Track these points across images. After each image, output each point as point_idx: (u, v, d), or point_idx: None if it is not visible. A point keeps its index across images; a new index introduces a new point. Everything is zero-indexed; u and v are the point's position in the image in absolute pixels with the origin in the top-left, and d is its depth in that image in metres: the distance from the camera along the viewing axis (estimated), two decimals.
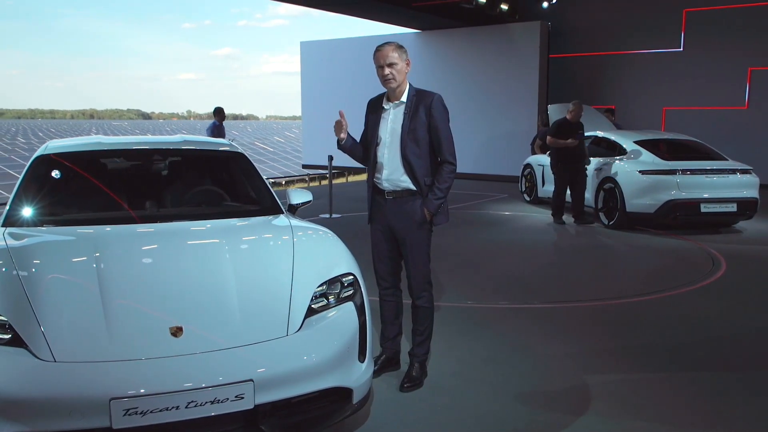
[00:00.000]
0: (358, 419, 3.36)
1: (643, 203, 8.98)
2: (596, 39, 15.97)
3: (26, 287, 2.83)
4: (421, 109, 3.72)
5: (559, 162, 9.75)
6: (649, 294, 6.02)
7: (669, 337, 4.84)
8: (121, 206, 3.96)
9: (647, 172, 8.97)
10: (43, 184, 4.00)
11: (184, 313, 2.84)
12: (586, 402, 3.68)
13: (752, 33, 14.13)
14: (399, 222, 3.83)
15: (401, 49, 3.72)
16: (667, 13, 15.00)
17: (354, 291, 3.24)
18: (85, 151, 4.37)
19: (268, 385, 2.67)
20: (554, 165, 9.91)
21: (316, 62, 20.02)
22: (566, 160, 9.67)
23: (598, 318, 5.32)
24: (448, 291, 6.01)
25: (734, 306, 5.70)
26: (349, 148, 3.95)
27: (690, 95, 14.89)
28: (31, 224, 3.63)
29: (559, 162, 9.75)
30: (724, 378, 4.08)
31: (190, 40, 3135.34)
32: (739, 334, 4.96)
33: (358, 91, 18.24)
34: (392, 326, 4.07)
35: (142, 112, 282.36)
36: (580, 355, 4.43)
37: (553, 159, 9.94)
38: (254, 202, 4.30)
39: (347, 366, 2.98)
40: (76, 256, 3.13)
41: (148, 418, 2.49)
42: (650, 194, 8.91)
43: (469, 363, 4.28)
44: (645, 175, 8.96)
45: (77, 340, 2.65)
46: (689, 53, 14.87)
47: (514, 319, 5.25)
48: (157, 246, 3.35)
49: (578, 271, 7.02)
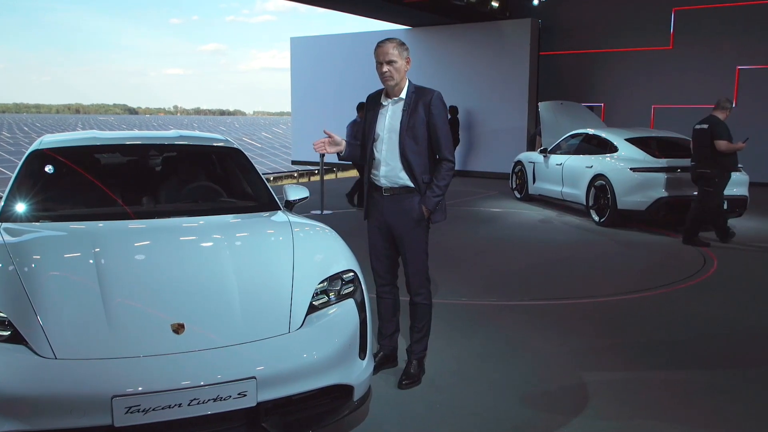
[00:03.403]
0: (357, 416, 3.36)
1: (635, 200, 9.03)
2: (586, 36, 16.02)
3: (25, 283, 2.80)
4: (420, 106, 3.70)
5: (725, 171, 8.01)
6: (641, 291, 6.05)
7: (662, 334, 4.87)
8: (118, 202, 3.93)
9: (638, 169, 9.02)
10: (38, 179, 3.96)
11: (185, 310, 2.82)
12: (584, 399, 3.69)
13: (741, 32, 14.23)
14: (396, 219, 3.82)
15: (402, 47, 3.70)
16: (656, 11, 15.08)
17: (354, 288, 3.23)
18: (80, 146, 4.33)
19: (271, 383, 2.65)
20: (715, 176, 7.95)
21: (307, 58, 19.95)
22: (729, 167, 8.05)
23: (591, 315, 5.34)
24: (441, 288, 6.01)
25: (726, 303, 5.74)
26: (350, 155, 3.93)
27: (679, 93, 14.97)
28: (27, 220, 3.60)
29: (725, 171, 8.01)
30: (719, 375, 4.11)
31: (177, 35, 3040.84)
32: (733, 331, 5.00)
33: (347, 88, 18.32)
34: (390, 323, 4.06)
35: (128, 107, 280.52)
36: (576, 352, 4.45)
37: (713, 168, 7.96)
38: (252, 198, 4.28)
39: (348, 363, 2.98)
40: (75, 252, 3.09)
41: (150, 415, 2.46)
42: (641, 191, 8.96)
43: (466, 360, 4.29)
44: (636, 173, 9.01)
45: (78, 336, 2.63)
46: (678, 51, 14.96)
47: (509, 316, 5.27)
48: (156, 242, 3.33)
49: (570, 268, 7.05)
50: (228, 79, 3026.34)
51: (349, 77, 18.51)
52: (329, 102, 19.05)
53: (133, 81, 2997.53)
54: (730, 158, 7.95)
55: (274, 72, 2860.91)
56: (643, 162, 9.11)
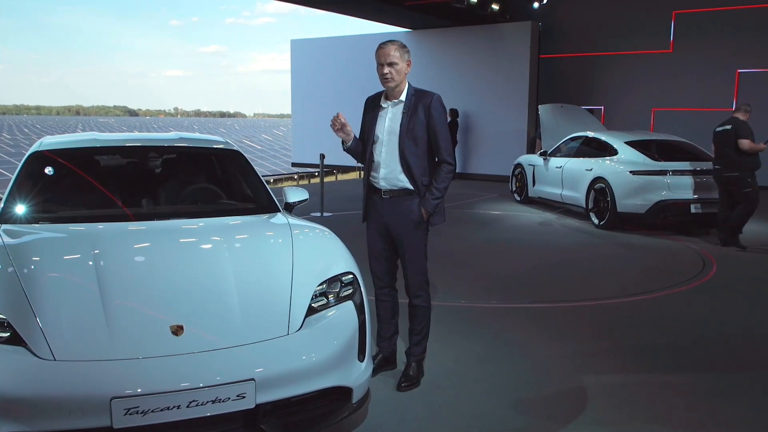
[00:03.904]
0: (356, 419, 3.36)
1: (634, 203, 9.04)
2: (586, 40, 16.03)
3: (24, 285, 2.80)
4: (420, 108, 3.71)
5: (750, 171, 8.08)
6: (641, 294, 6.05)
7: (662, 337, 4.87)
8: (118, 204, 3.93)
9: (638, 172, 9.03)
10: (38, 181, 3.97)
11: (185, 311, 2.82)
12: (583, 402, 3.69)
13: (740, 35, 14.24)
14: (395, 221, 3.82)
15: (403, 49, 3.71)
16: (656, 14, 15.09)
17: (353, 290, 3.23)
18: (80, 148, 4.33)
19: (270, 385, 2.65)
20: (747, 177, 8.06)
21: (307, 60, 19.96)
22: (754, 167, 8.10)
23: (590, 318, 5.34)
24: (441, 290, 6.01)
25: (726, 306, 5.74)
26: (353, 149, 3.91)
27: (679, 96, 14.98)
28: (27, 221, 3.60)
29: (750, 171, 8.08)
30: (720, 378, 4.11)
31: (177, 37, 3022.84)
32: (732, 334, 5.00)
33: (348, 90, 18.32)
34: (389, 326, 4.06)
35: (128, 108, 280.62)
36: (576, 355, 4.45)
37: (741, 171, 8.06)
38: (251, 200, 4.29)
39: (347, 365, 2.98)
40: (75, 254, 3.10)
41: (149, 417, 2.47)
42: (641, 194, 8.98)
43: (466, 362, 4.29)
44: (636, 176, 9.02)
45: (77, 338, 2.63)
46: (678, 54, 14.96)
47: (508, 318, 5.27)
48: (156, 244, 3.33)
49: (570, 271, 7.05)
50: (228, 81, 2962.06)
51: (350, 80, 18.51)
52: (329, 104, 19.01)
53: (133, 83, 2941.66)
54: (753, 158, 8.06)
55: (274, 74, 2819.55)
56: (643, 165, 9.12)
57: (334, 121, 3.74)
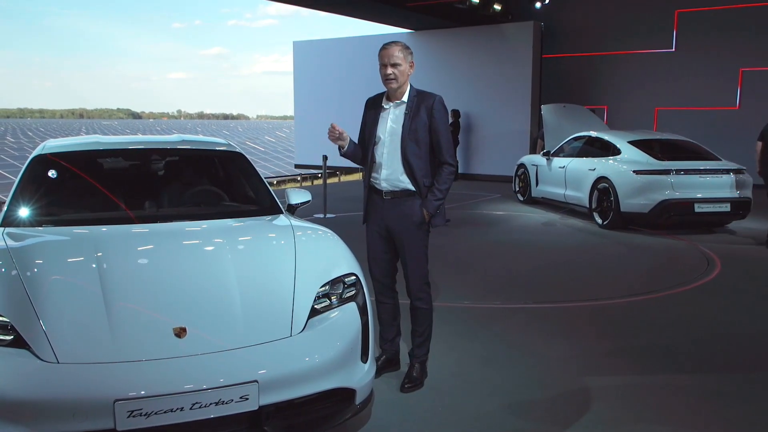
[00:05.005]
0: (360, 420, 3.36)
1: (638, 203, 9.02)
2: (589, 39, 16.02)
3: (28, 288, 2.81)
4: (422, 109, 3.71)
5: None
6: (645, 294, 6.04)
7: (666, 338, 4.86)
8: (121, 206, 3.94)
9: (641, 172, 9.01)
10: (41, 184, 3.98)
11: (188, 314, 2.82)
12: (586, 403, 3.68)
13: (744, 34, 14.21)
14: (396, 222, 3.81)
15: (407, 50, 3.72)
16: (659, 13, 15.07)
17: (356, 291, 3.23)
18: (83, 151, 4.34)
19: (273, 386, 2.66)
20: None
21: (309, 62, 19.97)
22: None
23: (594, 318, 5.33)
24: (444, 291, 6.01)
25: (730, 306, 5.73)
26: (351, 153, 3.91)
27: (682, 95, 14.96)
28: (30, 224, 3.61)
29: None
30: (724, 379, 4.09)
31: (179, 40, 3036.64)
32: (736, 334, 4.98)
33: (350, 91, 18.34)
34: (390, 328, 4.06)
35: (132, 111, 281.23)
36: (579, 356, 4.44)
37: None
38: (254, 201, 4.29)
39: (350, 367, 2.98)
40: (78, 257, 3.10)
41: (153, 419, 2.47)
42: (644, 194, 8.96)
43: (469, 363, 4.28)
44: (639, 175, 9.00)
45: (80, 341, 2.63)
46: (681, 54, 14.95)
47: (511, 319, 5.26)
48: (158, 246, 3.33)
49: (573, 271, 7.04)
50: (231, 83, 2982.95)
51: (352, 81, 18.52)
52: (332, 106, 19.05)
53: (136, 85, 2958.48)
54: None
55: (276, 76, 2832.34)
56: (646, 164, 9.11)
57: (330, 132, 3.76)
